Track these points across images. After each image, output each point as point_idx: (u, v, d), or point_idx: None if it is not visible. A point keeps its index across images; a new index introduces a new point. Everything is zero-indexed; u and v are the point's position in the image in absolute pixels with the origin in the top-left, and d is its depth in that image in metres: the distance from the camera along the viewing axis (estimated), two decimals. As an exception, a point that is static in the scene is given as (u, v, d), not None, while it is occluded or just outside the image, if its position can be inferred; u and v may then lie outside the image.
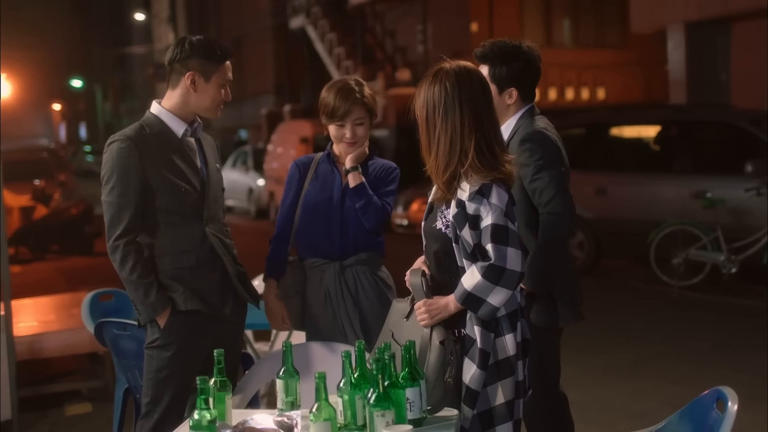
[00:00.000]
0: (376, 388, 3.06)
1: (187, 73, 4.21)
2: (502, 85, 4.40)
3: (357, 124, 4.54)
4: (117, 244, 4.12)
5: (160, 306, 4.15)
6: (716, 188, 11.54)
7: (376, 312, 4.50)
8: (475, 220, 3.40)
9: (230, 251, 4.43)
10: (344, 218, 4.57)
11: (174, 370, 4.18)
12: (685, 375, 7.62)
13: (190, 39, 4.26)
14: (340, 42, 29.54)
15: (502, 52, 4.38)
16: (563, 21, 26.44)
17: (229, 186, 26.14)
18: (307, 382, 3.54)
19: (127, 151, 4.14)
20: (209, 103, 4.29)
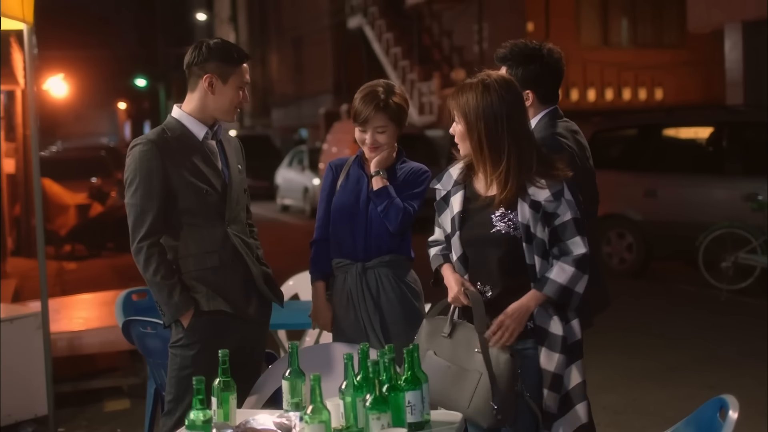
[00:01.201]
0: (373, 390, 3.07)
1: (205, 75, 4.27)
2: (520, 87, 4.38)
3: (378, 132, 4.54)
4: (141, 246, 4.19)
5: (184, 306, 4.21)
6: (765, 191, 11.36)
7: (397, 315, 4.52)
8: (551, 218, 3.59)
9: (253, 251, 4.47)
10: (369, 220, 4.58)
11: (197, 369, 4.21)
12: (724, 381, 7.52)
13: (208, 42, 4.33)
14: (397, 42, 29.59)
15: (521, 53, 4.34)
16: (621, 20, 26.21)
17: (285, 185, 26.56)
18: (325, 382, 3.57)
19: (149, 154, 4.20)
20: (227, 105, 4.33)
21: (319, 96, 36.98)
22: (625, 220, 13.00)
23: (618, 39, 26.19)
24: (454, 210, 3.77)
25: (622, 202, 13.02)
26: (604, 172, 13.39)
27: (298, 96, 40.61)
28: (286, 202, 26.60)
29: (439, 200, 3.88)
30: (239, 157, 4.57)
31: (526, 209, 3.58)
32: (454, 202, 3.77)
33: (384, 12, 30.68)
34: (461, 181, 3.80)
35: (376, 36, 30.84)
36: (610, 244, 13.20)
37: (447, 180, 3.86)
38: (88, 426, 6.95)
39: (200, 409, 2.97)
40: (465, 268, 3.76)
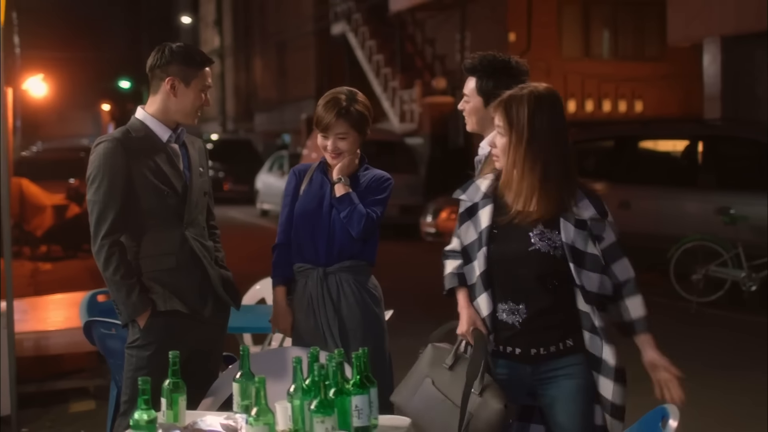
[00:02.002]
0: (318, 394, 3.09)
1: (167, 78, 4.31)
2: (488, 98, 4.38)
3: (339, 138, 4.57)
4: (102, 244, 4.22)
5: (141, 307, 4.24)
6: (739, 205, 11.46)
7: (356, 320, 4.55)
8: (599, 238, 3.54)
9: (212, 254, 4.50)
10: (331, 226, 4.61)
11: (152, 369, 4.23)
12: (689, 393, 7.51)
13: (170, 46, 4.38)
14: (379, 49, 29.62)
15: (491, 66, 4.37)
16: (602, 32, 26.30)
17: (265, 190, 26.54)
18: (278, 385, 3.59)
19: (114, 152, 4.24)
20: (188, 108, 4.38)
21: (301, 101, 36.97)
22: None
23: (599, 51, 26.28)
24: (481, 224, 3.65)
25: (596, 213, 13.05)
26: (579, 183, 13.56)
27: (281, 101, 40.61)
28: (266, 207, 26.60)
29: (463, 212, 3.74)
30: (202, 160, 4.60)
31: (571, 228, 3.51)
32: (483, 215, 3.65)
33: (367, 19, 30.71)
34: (490, 194, 3.67)
35: (359, 43, 30.86)
36: (584, 255, 13.23)
37: (473, 191, 3.73)
38: (51, 426, 6.94)
39: (145, 410, 2.99)
40: (487, 284, 3.64)
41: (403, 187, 19.21)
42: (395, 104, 27.74)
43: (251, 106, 46.07)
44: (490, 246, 3.59)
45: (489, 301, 3.63)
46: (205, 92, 4.39)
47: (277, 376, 3.91)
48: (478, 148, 4.50)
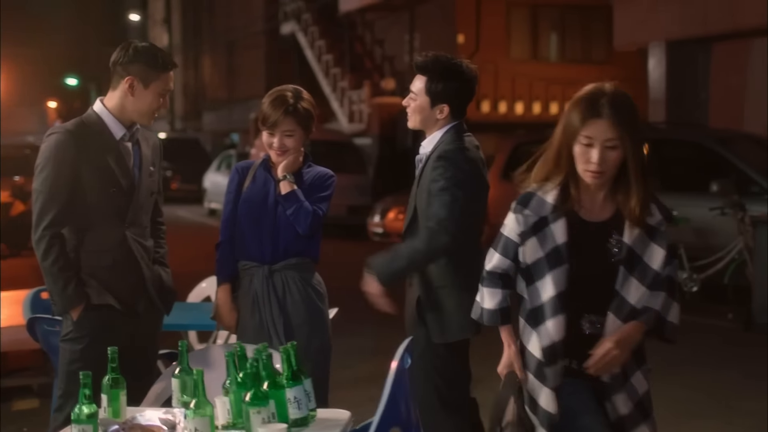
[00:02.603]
0: (252, 387, 3.13)
1: (127, 77, 4.33)
2: (436, 99, 4.45)
3: (286, 135, 4.59)
4: (44, 235, 4.24)
5: (77, 300, 4.28)
6: (681, 207, 11.59)
7: (302, 317, 4.59)
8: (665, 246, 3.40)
9: (150, 254, 4.53)
10: (276, 224, 4.63)
11: (85, 363, 4.23)
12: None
13: (136, 44, 4.40)
14: (329, 49, 29.63)
15: (443, 67, 4.43)
16: (550, 35, 26.52)
17: (212, 189, 26.42)
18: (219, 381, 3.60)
19: (65, 144, 4.26)
20: (145, 109, 4.40)
21: (250, 101, 36.82)
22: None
23: (547, 54, 26.49)
24: (556, 239, 3.40)
25: (541, 214, 13.19)
26: (524, 184, 13.67)
27: (229, 100, 40.47)
28: (213, 206, 26.50)
29: (525, 229, 3.45)
30: (155, 158, 4.62)
31: (636, 232, 3.36)
32: (556, 230, 3.40)
33: (317, 19, 30.71)
34: (560, 207, 3.42)
35: (308, 43, 30.85)
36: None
37: (538, 205, 3.44)
38: (-6, 425, 6.89)
39: (86, 403, 3.00)
40: (563, 305, 3.39)
41: (352, 187, 19.28)
42: (344, 104, 27.77)
43: (200, 105, 45.86)
44: (572, 263, 3.37)
45: (563, 323, 3.39)
46: (164, 96, 4.41)
47: (219, 371, 3.93)
48: (420, 147, 4.56)
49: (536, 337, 3.44)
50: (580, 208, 3.41)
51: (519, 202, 3.47)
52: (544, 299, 3.40)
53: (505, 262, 3.53)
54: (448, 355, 4.45)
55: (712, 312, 11.19)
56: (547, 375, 3.41)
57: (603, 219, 3.41)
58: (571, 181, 3.39)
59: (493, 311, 3.55)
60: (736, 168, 11.55)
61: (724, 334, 10.05)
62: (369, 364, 8.12)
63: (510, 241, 3.51)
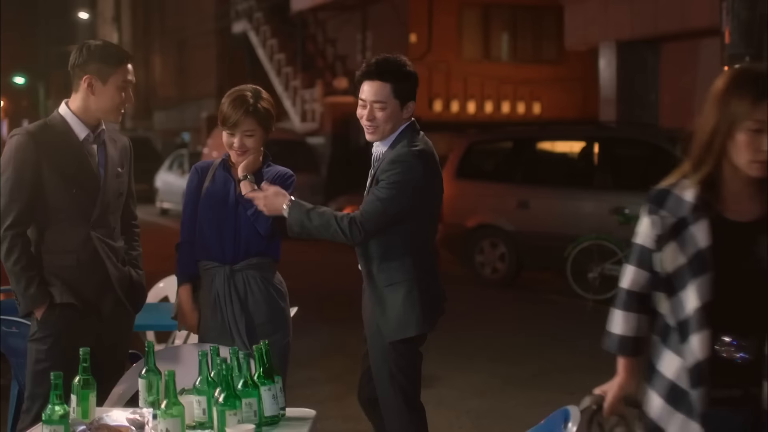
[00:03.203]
0: (225, 387, 3.15)
1: (84, 76, 4.35)
2: (404, 99, 4.44)
3: (246, 135, 4.59)
4: (6, 235, 4.26)
5: (40, 299, 4.29)
6: (633, 205, 11.73)
7: (264, 316, 4.60)
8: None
9: (119, 255, 4.53)
10: (237, 224, 4.64)
11: (52, 363, 4.25)
12: (585, 387, 7.63)
13: (89, 44, 4.43)
14: (281, 48, 29.58)
15: (402, 67, 4.45)
16: (502, 35, 26.67)
17: (164, 188, 26.29)
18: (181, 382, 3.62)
19: (26, 146, 4.28)
20: (108, 105, 4.41)
21: (202, 100, 36.71)
22: (498, 230, 13.29)
23: (498, 53, 26.62)
24: (698, 243, 2.96)
25: (495, 212, 13.32)
26: (479, 183, 13.85)
27: (180, 99, 40.25)
28: (165, 206, 26.35)
29: (663, 232, 3.03)
30: (124, 160, 4.62)
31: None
32: (697, 233, 2.96)
33: (269, 18, 30.63)
34: (701, 206, 2.98)
35: (260, 41, 30.77)
36: (483, 254, 13.48)
37: (675, 204, 3.02)
38: (-51, 427, 6.82)
39: (57, 404, 3.01)
40: (708, 318, 2.94)
41: (305, 187, 19.25)
42: (296, 103, 27.75)
43: (150, 104, 45.56)
44: (719, 269, 2.94)
45: (709, 340, 2.95)
46: (127, 89, 4.42)
47: (181, 372, 3.94)
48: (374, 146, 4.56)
49: (672, 356, 3.04)
50: (725, 207, 2.99)
51: (653, 201, 3.08)
52: (688, 312, 2.96)
53: (642, 275, 3.11)
54: (411, 354, 4.48)
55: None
56: (689, 402, 2.98)
57: (751, 219, 2.99)
58: (717, 176, 2.99)
59: (625, 339, 3.15)
60: (687, 167, 11.71)
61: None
62: (326, 363, 8.17)
63: (645, 249, 3.08)
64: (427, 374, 8.15)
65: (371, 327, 4.52)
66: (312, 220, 4.36)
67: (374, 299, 4.46)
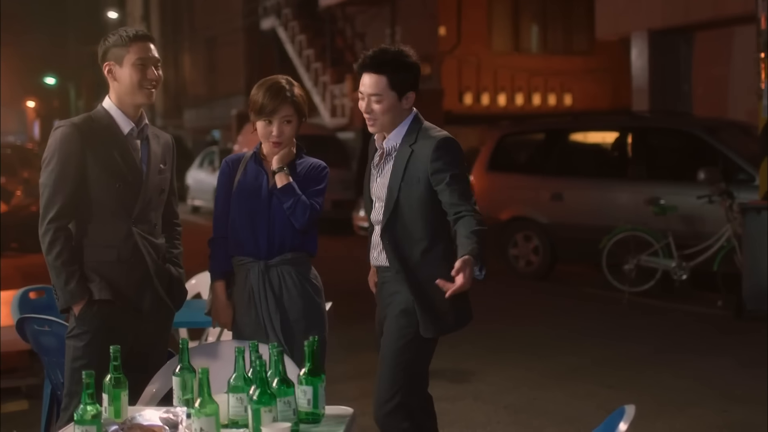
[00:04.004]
0: (259, 384, 3.06)
1: (104, 65, 4.33)
2: (403, 90, 4.35)
3: (285, 122, 4.49)
4: (49, 228, 4.20)
5: (79, 295, 4.20)
6: (669, 195, 11.61)
7: (299, 312, 4.50)
8: None
9: (160, 252, 4.45)
10: (271, 218, 4.54)
11: (89, 360, 4.17)
12: (623, 380, 7.66)
13: (106, 37, 4.39)
14: (309, 44, 29.51)
15: (399, 58, 4.34)
16: (531, 27, 26.49)
17: (195, 186, 26.33)
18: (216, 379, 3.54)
19: (71, 138, 4.22)
20: (129, 86, 4.32)
21: (231, 97, 36.73)
22: (532, 222, 13.16)
23: (528, 45, 26.46)
24: None
25: (528, 205, 13.20)
26: (511, 176, 13.73)
27: (210, 97, 40.30)
28: (197, 203, 26.40)
29: None
30: (166, 157, 4.55)
31: None
32: None
33: (297, 14, 30.57)
34: None
35: (289, 37, 30.72)
36: (517, 247, 13.36)
37: None
38: (-17, 427, 6.80)
39: (90, 404, 2.94)
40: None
41: (336, 182, 19.19)
42: (326, 99, 27.67)
43: (180, 102, 45.67)
44: None
45: None
46: (145, 66, 4.31)
47: (215, 369, 3.86)
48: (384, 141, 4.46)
49: None
50: None
51: None
52: None
53: None
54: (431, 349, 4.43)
55: (701, 300, 11.22)
56: None
57: None
58: None
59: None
60: (723, 156, 11.54)
61: (714, 321, 10.05)
62: (360, 358, 8.08)
63: None
64: (463, 369, 8.13)
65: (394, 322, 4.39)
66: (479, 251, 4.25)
67: (409, 292, 4.34)
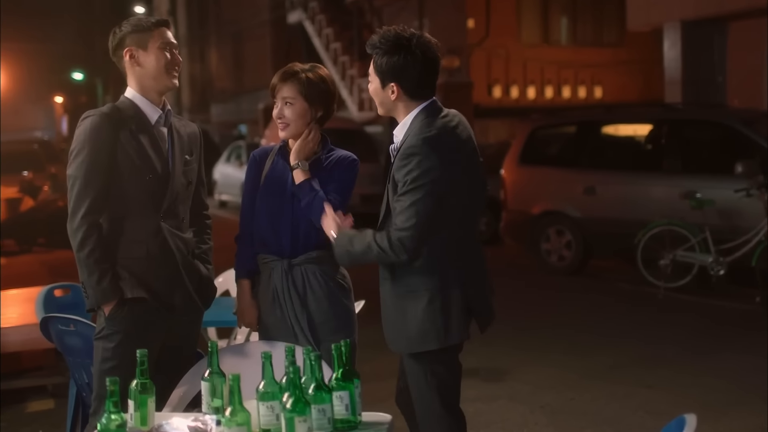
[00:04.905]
0: (293, 391, 2.89)
1: (125, 51, 4.15)
2: (384, 78, 3.99)
3: (286, 103, 4.31)
4: (81, 224, 4.00)
5: (112, 294, 4.02)
6: (705, 188, 11.35)
7: (325, 314, 4.31)
8: None
9: (189, 248, 4.28)
10: (295, 215, 4.34)
11: (120, 361, 4.00)
12: (662, 380, 7.44)
13: (119, 25, 4.23)
14: (337, 37, 29.37)
15: (388, 42, 3.96)
16: (561, 18, 26.25)
17: (223, 180, 26.24)
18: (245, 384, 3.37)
19: (100, 126, 4.05)
20: (155, 67, 4.16)
21: (258, 91, 36.61)
22: (564, 217, 12.93)
23: (558, 37, 26.23)
24: None
25: (561, 199, 12.96)
26: (543, 169, 13.50)
27: (237, 91, 40.24)
28: (224, 198, 26.32)
29: None
30: (193, 147, 4.38)
31: None
32: None
33: (324, 7, 30.46)
34: None
35: (316, 31, 30.59)
36: (549, 241, 13.13)
37: None
38: (7, 427, 6.68)
39: (114, 412, 2.76)
40: None
41: (364, 176, 18.92)
42: (353, 92, 27.51)
43: (207, 97, 45.65)
44: None
45: None
46: (170, 50, 4.18)
47: (246, 372, 3.69)
48: (393, 136, 4.11)
49: None
50: None
51: None
52: None
53: None
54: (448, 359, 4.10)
55: (739, 296, 10.95)
56: None
57: None
58: None
59: None
60: (761, 148, 11.26)
61: (752, 318, 9.79)
62: (390, 357, 7.87)
63: None
64: (497, 367, 7.92)
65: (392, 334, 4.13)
66: (355, 246, 3.98)
67: (392, 306, 4.05)
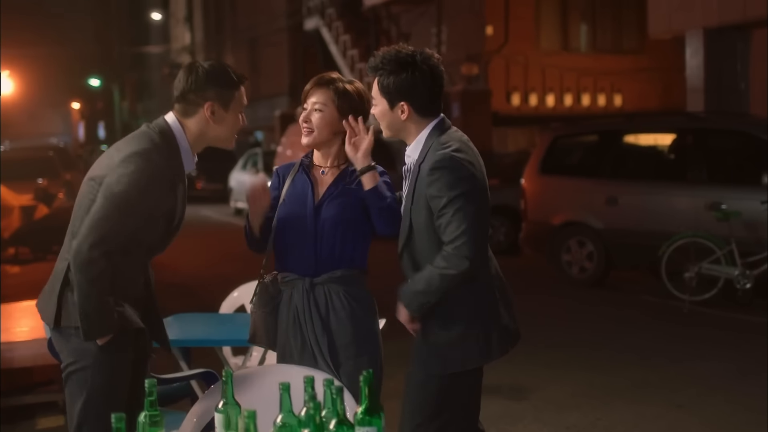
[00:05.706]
0: (313, 428, 2.67)
1: (206, 103, 3.92)
2: (392, 98, 3.96)
3: (315, 109, 4.18)
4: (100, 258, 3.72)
5: (116, 325, 3.80)
6: (731, 200, 11.11)
7: (348, 336, 4.10)
8: None
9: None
10: (318, 231, 4.15)
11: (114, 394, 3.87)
12: (692, 399, 7.20)
13: (203, 66, 3.95)
14: (354, 44, 29.24)
15: (391, 62, 3.92)
16: (580, 25, 26.02)
17: (238, 188, 26.11)
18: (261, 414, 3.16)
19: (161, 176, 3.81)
20: (228, 133, 4.03)
21: (274, 98, 36.53)
22: (586, 227, 12.70)
23: (577, 44, 26.00)
24: None
25: (582, 209, 12.73)
26: (565, 179, 13.27)
27: (253, 98, 40.10)
28: (240, 206, 26.17)
29: None
30: None
31: None
32: None
33: (341, 14, 30.34)
34: None
35: (333, 38, 30.47)
36: (570, 252, 12.90)
37: None
38: (16, 444, 6.51)
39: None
40: None
41: (382, 184, 18.84)
42: (370, 100, 27.39)
43: (223, 104, 45.61)
44: None
45: None
46: (242, 113, 4.06)
47: (260, 400, 3.48)
48: (405, 156, 4.05)
49: None
50: None
51: None
52: None
53: None
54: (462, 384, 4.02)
55: (766, 310, 10.68)
56: None
57: None
58: None
59: None
60: (788, 158, 11.03)
61: (781, 333, 9.54)
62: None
63: None
64: (520, 385, 7.69)
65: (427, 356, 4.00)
66: (417, 285, 3.89)
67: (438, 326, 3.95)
